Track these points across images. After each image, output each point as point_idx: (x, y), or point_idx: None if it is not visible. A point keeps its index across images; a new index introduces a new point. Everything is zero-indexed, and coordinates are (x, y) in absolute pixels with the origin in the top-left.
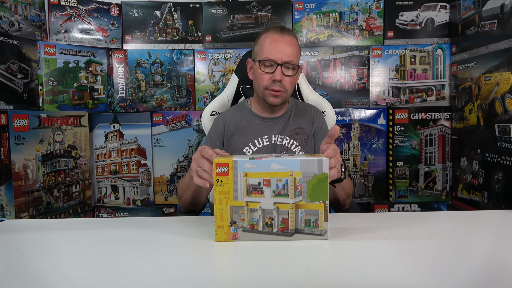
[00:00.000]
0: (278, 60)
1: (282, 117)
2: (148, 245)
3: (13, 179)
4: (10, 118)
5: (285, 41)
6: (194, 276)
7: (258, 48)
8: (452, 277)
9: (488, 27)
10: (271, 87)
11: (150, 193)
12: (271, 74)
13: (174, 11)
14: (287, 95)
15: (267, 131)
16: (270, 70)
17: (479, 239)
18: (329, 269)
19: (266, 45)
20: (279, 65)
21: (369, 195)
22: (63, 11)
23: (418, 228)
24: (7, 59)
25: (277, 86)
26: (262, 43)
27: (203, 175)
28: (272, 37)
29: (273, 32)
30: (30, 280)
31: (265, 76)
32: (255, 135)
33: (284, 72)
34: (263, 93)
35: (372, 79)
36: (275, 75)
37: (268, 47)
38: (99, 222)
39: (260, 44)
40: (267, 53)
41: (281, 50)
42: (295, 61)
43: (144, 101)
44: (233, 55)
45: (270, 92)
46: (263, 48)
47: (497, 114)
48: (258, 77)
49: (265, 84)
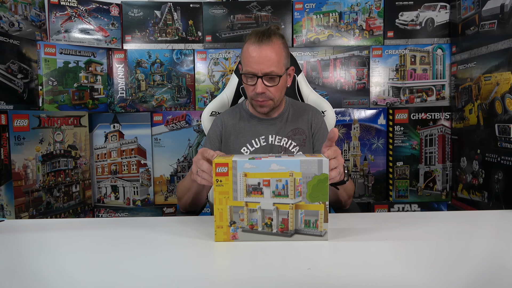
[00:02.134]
0: (258, 73)
1: (278, 117)
2: (148, 245)
3: (13, 179)
4: (10, 118)
5: (264, 50)
6: (194, 276)
7: (242, 58)
8: (452, 277)
9: (488, 27)
10: (256, 98)
11: (150, 193)
12: (253, 86)
13: (174, 11)
14: (275, 103)
15: (264, 132)
16: (252, 82)
17: (479, 239)
18: (329, 269)
19: (246, 56)
20: (259, 77)
21: (369, 195)
22: (63, 11)
23: (418, 228)
24: (7, 59)
25: (261, 97)
26: (243, 54)
27: (203, 176)
28: (251, 48)
29: (252, 42)
30: (30, 280)
31: (249, 88)
32: (252, 136)
33: (267, 83)
34: (251, 103)
35: (372, 79)
36: (256, 88)
37: (248, 58)
38: (99, 222)
39: (243, 54)
40: (247, 66)
41: (259, 62)
42: (277, 70)
43: (144, 101)
44: (233, 55)
45: (257, 102)
46: (244, 60)
47: (497, 114)
48: (245, 87)
49: (250, 95)
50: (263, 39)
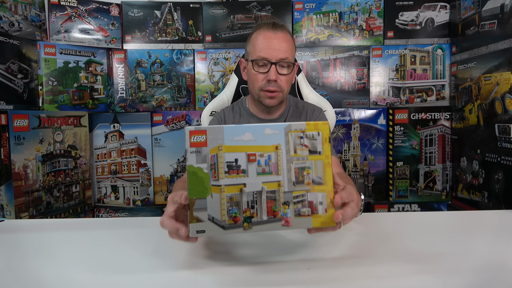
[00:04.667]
0: (272, 59)
1: (279, 118)
2: (148, 245)
3: (13, 179)
4: (10, 118)
5: (278, 37)
6: (194, 275)
7: (250, 47)
8: (452, 277)
9: (488, 27)
10: (266, 87)
11: (150, 193)
12: (265, 74)
13: (174, 11)
14: (283, 95)
15: None
16: (264, 70)
17: (479, 239)
18: (329, 269)
19: (258, 43)
20: (273, 63)
21: (369, 195)
22: (63, 11)
23: (418, 228)
24: (7, 59)
25: (273, 86)
26: (254, 41)
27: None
28: (264, 34)
29: (265, 29)
30: (30, 280)
31: (259, 76)
32: None
33: (279, 71)
34: (258, 95)
35: (372, 79)
36: (269, 75)
37: (261, 45)
38: (99, 222)
39: (252, 42)
40: (260, 52)
41: (274, 48)
42: (290, 58)
43: (144, 101)
44: (233, 55)
45: (266, 94)
46: (256, 47)
47: (497, 114)
48: (252, 77)
49: (259, 84)
50: (276, 26)
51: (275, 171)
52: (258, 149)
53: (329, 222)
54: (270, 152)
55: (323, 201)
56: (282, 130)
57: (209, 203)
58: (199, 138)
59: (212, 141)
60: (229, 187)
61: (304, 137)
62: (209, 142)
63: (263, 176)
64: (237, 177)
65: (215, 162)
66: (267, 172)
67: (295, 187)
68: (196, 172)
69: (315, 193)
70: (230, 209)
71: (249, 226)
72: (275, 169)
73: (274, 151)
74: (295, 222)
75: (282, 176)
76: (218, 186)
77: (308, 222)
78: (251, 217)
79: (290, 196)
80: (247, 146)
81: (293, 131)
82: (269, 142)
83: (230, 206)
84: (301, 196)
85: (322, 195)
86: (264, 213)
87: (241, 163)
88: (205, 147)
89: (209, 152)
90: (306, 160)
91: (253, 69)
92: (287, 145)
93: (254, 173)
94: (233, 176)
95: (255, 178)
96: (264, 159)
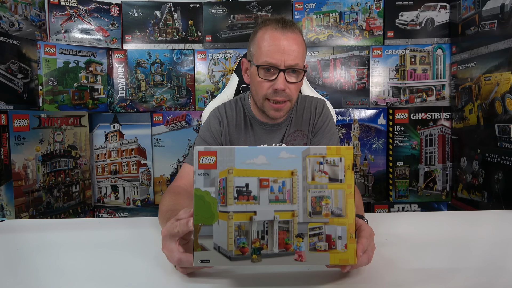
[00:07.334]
0: (281, 65)
1: (284, 122)
2: (148, 245)
3: (13, 179)
4: (10, 118)
5: (289, 39)
6: (194, 276)
7: (255, 47)
8: (452, 277)
9: (488, 27)
10: (273, 97)
11: (150, 193)
12: (271, 81)
13: (174, 11)
14: (291, 104)
15: (266, 139)
16: (271, 77)
17: (479, 239)
18: (329, 269)
19: (265, 44)
20: (281, 71)
21: (369, 195)
22: (63, 11)
23: (418, 228)
24: (7, 59)
25: (280, 96)
26: (259, 42)
27: (182, 272)
28: (271, 34)
29: (273, 28)
30: (30, 280)
31: (265, 84)
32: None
33: (288, 79)
34: (262, 104)
35: (372, 79)
36: (277, 84)
37: (268, 47)
38: (99, 222)
39: (257, 42)
40: (267, 56)
41: (284, 52)
42: (301, 64)
43: (144, 101)
44: (233, 55)
45: (271, 105)
46: (262, 49)
47: (497, 114)
48: (256, 84)
49: (264, 93)
50: (286, 24)
51: (289, 199)
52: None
53: (348, 260)
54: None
55: (342, 236)
56: (300, 154)
57: (215, 230)
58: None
59: (222, 163)
60: (238, 214)
61: (324, 162)
62: (218, 164)
63: (275, 204)
64: (247, 204)
65: (223, 186)
66: (281, 200)
67: (311, 218)
68: (203, 196)
69: (333, 226)
70: (238, 238)
71: (258, 258)
72: (290, 197)
73: (289, 177)
74: (310, 258)
75: (297, 205)
76: (226, 213)
77: (325, 258)
78: (260, 248)
79: (305, 228)
80: (260, 171)
81: (312, 156)
82: (284, 167)
83: (238, 235)
84: (317, 228)
85: (342, 228)
86: (275, 245)
87: (252, 189)
88: (214, 170)
89: (218, 175)
90: (325, 189)
91: (258, 76)
92: (304, 171)
93: (266, 200)
94: (242, 202)
95: (267, 206)
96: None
